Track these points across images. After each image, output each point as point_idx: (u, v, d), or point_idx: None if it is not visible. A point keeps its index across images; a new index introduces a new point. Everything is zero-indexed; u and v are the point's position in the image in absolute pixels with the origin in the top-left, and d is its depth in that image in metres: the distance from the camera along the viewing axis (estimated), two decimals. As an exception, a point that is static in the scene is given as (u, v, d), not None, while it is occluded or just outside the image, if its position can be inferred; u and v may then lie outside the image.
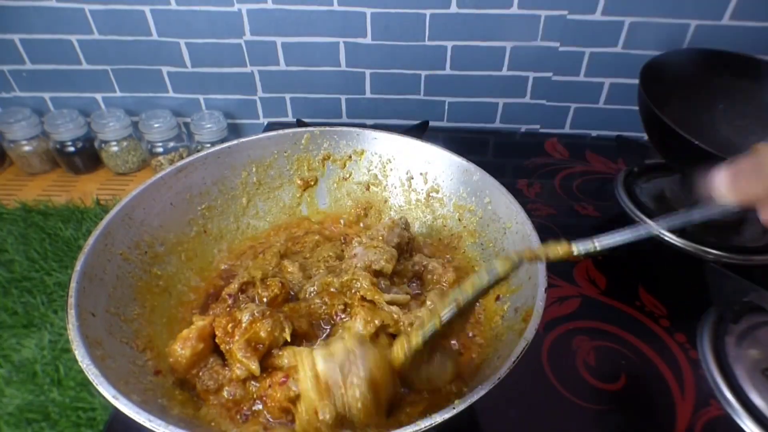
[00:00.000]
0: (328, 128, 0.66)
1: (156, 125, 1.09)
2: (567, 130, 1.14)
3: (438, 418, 0.34)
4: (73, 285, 0.42)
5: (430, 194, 0.64)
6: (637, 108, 0.77)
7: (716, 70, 0.83)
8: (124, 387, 0.37)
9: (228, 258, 0.61)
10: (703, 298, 0.65)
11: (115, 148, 1.11)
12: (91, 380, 0.36)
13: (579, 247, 0.38)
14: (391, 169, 0.66)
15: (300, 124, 0.97)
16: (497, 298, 0.51)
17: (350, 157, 0.67)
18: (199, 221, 0.60)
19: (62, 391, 0.78)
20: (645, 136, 0.85)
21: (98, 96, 1.13)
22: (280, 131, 0.65)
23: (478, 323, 0.52)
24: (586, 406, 0.55)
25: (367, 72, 1.07)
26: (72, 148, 1.11)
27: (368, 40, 1.02)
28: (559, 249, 0.39)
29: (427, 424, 0.33)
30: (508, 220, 0.53)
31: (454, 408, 0.34)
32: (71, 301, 0.41)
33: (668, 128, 0.67)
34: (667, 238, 0.76)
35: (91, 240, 0.47)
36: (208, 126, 1.10)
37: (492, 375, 0.36)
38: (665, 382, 0.57)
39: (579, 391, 0.56)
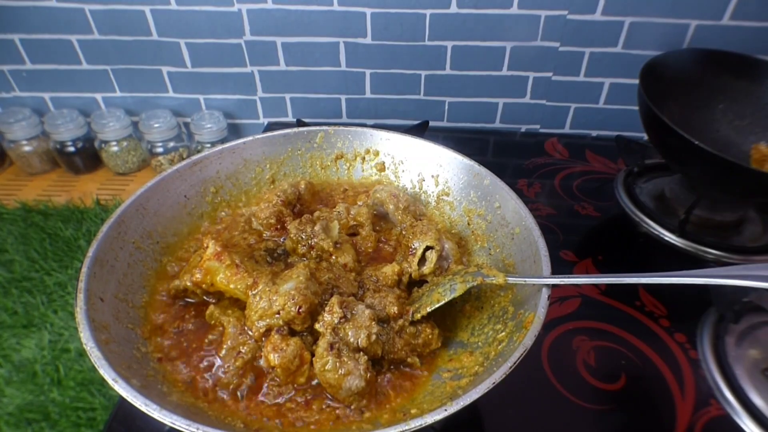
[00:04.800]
0: (342, 128, 0.66)
1: (156, 125, 1.09)
2: (567, 130, 1.14)
3: (429, 419, 0.34)
4: (84, 270, 0.43)
5: (441, 197, 0.64)
6: (637, 108, 0.77)
7: (716, 70, 0.83)
8: (126, 372, 0.37)
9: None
10: (703, 298, 0.65)
11: (115, 148, 1.11)
12: (94, 363, 0.36)
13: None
14: (403, 171, 0.66)
15: (300, 124, 0.97)
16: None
17: (363, 157, 0.67)
18: (212, 214, 0.60)
19: (62, 391, 0.78)
20: (645, 136, 0.85)
21: (98, 96, 1.13)
22: (295, 129, 0.65)
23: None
24: (586, 406, 0.55)
25: (367, 72, 1.07)
26: (72, 148, 1.11)
27: (368, 40, 1.02)
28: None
29: (418, 424, 0.33)
30: (516, 225, 0.53)
31: (446, 410, 0.34)
32: (81, 285, 0.42)
33: (668, 128, 0.67)
34: (666, 238, 0.76)
35: (105, 227, 0.47)
36: (208, 126, 1.10)
37: (488, 378, 0.36)
38: (665, 382, 0.57)
39: (579, 391, 0.56)
